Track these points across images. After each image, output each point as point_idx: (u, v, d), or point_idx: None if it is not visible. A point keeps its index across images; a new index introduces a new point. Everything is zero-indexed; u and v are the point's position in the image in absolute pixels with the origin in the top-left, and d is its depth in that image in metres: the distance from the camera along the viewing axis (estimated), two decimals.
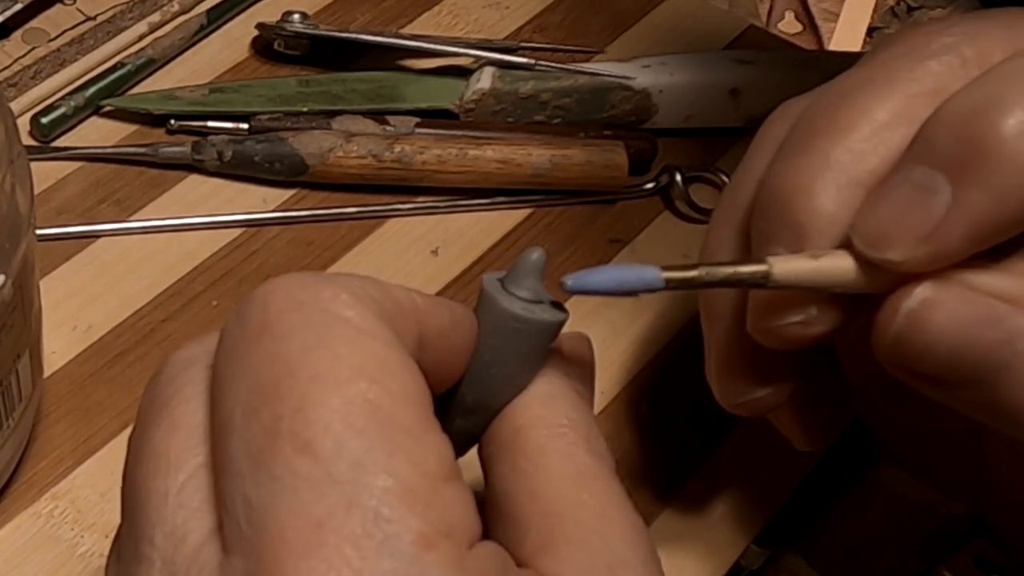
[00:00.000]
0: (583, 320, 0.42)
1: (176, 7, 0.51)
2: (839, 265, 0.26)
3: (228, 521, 0.21)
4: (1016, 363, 0.25)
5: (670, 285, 0.25)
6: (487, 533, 0.23)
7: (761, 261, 0.26)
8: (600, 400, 0.41)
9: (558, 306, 0.26)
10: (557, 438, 0.25)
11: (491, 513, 0.25)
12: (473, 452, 0.27)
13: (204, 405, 0.23)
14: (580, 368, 0.27)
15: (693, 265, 0.26)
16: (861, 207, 0.27)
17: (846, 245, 0.27)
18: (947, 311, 0.26)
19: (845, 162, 0.27)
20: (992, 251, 0.26)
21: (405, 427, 0.22)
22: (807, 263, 0.26)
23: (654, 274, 0.25)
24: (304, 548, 0.20)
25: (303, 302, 0.22)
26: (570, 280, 0.25)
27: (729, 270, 0.26)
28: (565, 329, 0.26)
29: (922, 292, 0.26)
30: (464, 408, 0.26)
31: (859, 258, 0.26)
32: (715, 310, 0.32)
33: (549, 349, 0.26)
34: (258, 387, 0.22)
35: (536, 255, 0.25)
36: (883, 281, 0.26)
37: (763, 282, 0.26)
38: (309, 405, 0.21)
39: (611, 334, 0.43)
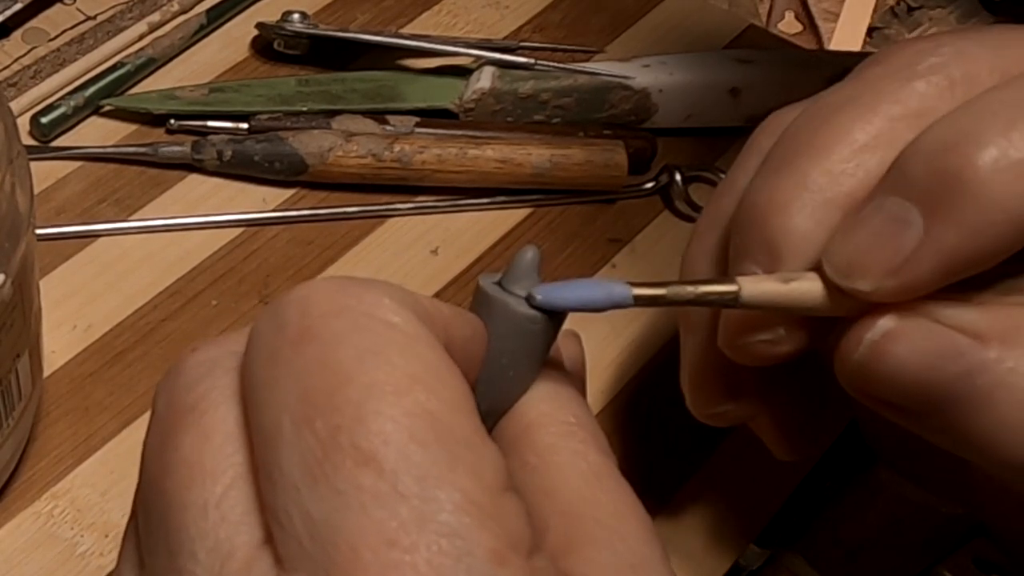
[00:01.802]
0: (582, 320, 0.42)
1: (176, 7, 0.51)
2: (808, 289, 0.27)
3: (283, 536, 0.21)
4: (975, 396, 0.25)
5: (639, 302, 0.25)
6: None
7: (731, 281, 0.26)
8: (600, 400, 0.41)
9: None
10: (567, 436, 0.25)
11: None
12: None
13: (234, 411, 0.23)
14: (573, 364, 0.28)
15: (662, 283, 0.26)
16: (834, 234, 0.27)
17: (818, 268, 0.27)
18: (909, 343, 0.26)
19: (822, 183, 0.27)
20: (963, 282, 0.26)
21: (462, 437, 0.21)
22: (776, 286, 0.27)
23: (623, 291, 0.25)
24: (379, 567, 0.20)
25: (346, 306, 0.22)
26: (540, 294, 0.25)
27: (698, 289, 0.26)
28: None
29: (885, 324, 0.26)
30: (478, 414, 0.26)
31: (829, 283, 0.26)
32: (691, 321, 0.32)
33: (540, 350, 0.26)
34: (309, 395, 0.21)
35: (531, 254, 0.25)
36: (852, 307, 0.26)
37: (732, 303, 0.26)
38: (368, 416, 0.21)
39: (610, 334, 0.43)
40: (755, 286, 0.26)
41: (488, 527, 0.20)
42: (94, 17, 0.50)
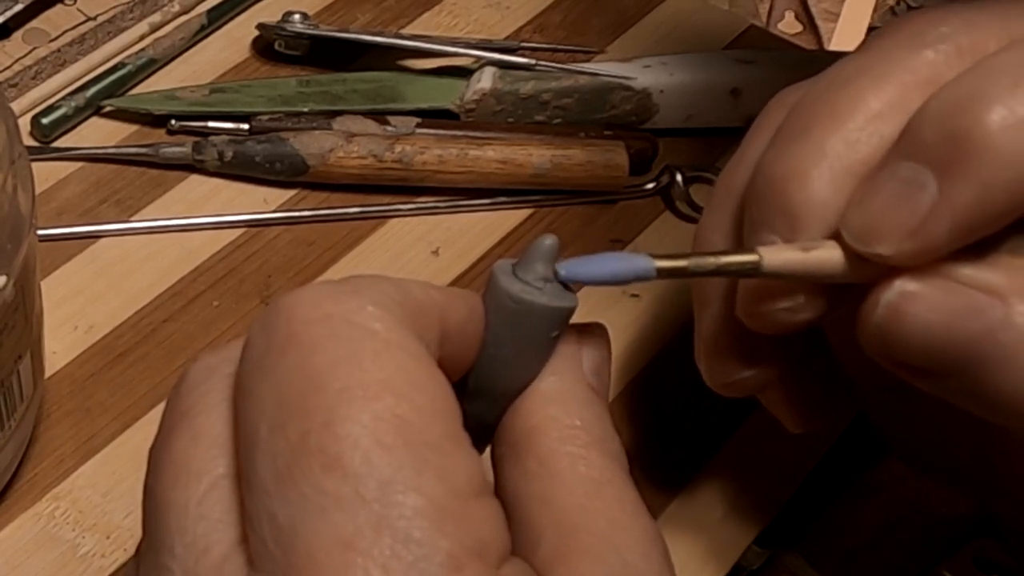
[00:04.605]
0: (584, 319, 0.42)
1: (177, 7, 0.51)
2: (828, 256, 0.27)
3: (254, 538, 0.21)
4: (997, 353, 0.25)
5: (662, 274, 0.25)
6: None
7: (752, 251, 0.27)
8: None
9: (568, 295, 0.25)
10: (568, 441, 0.25)
11: None
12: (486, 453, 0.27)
13: (226, 415, 0.23)
14: (595, 360, 0.27)
15: (684, 255, 0.26)
16: (851, 201, 0.27)
17: (837, 235, 0.27)
18: (927, 302, 0.26)
19: (839, 151, 0.27)
20: (977, 244, 0.26)
21: (434, 443, 0.21)
22: (797, 255, 0.27)
23: (646, 263, 0.25)
24: (332, 569, 0.20)
25: (329, 314, 0.22)
26: (563, 269, 0.25)
27: (720, 260, 0.26)
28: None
29: (901, 284, 0.26)
30: (467, 392, 0.26)
31: (848, 250, 0.27)
32: (706, 292, 0.32)
33: (556, 338, 0.26)
34: (284, 401, 0.21)
35: (550, 241, 0.25)
36: (871, 272, 0.27)
37: (753, 272, 0.26)
38: (337, 420, 0.21)
39: (612, 334, 0.42)
40: (776, 255, 0.27)
41: (448, 532, 0.21)
42: (95, 18, 0.50)
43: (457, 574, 0.20)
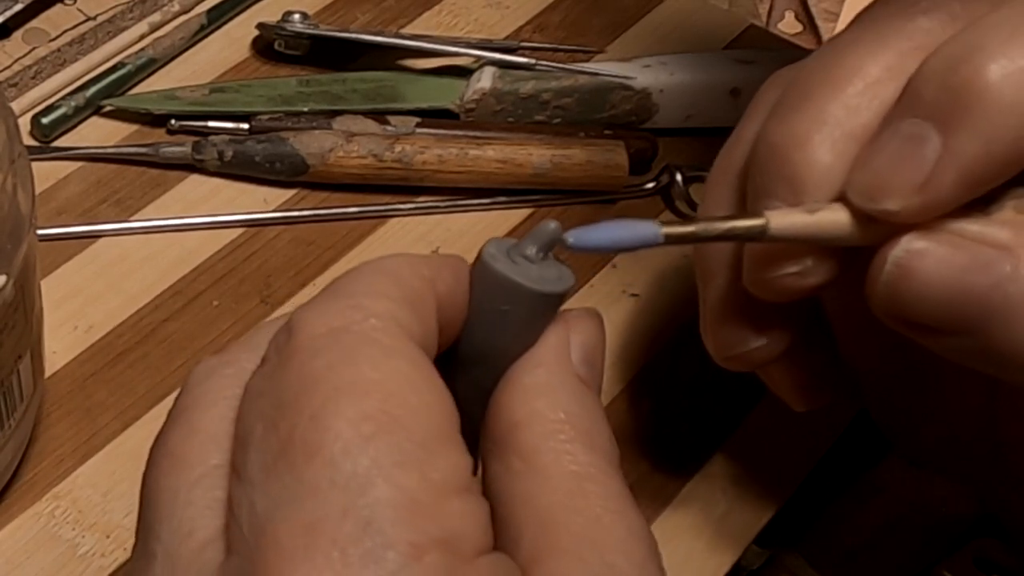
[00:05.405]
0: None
1: (176, 7, 0.51)
2: (835, 218, 0.27)
3: (233, 525, 0.22)
4: (1007, 307, 0.25)
5: (669, 240, 0.25)
6: None
7: (758, 215, 0.27)
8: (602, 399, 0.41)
9: (549, 280, 0.25)
10: (552, 436, 0.24)
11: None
12: None
13: (223, 413, 0.24)
14: (585, 349, 0.26)
15: (691, 220, 0.26)
16: (855, 162, 0.27)
17: (841, 198, 0.27)
18: (935, 258, 0.26)
19: (840, 116, 0.28)
20: (982, 200, 0.26)
21: (420, 440, 0.22)
22: (803, 217, 0.27)
23: (653, 230, 0.25)
24: (293, 550, 0.20)
25: (333, 327, 0.23)
26: (571, 238, 0.25)
27: (727, 224, 0.27)
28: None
29: (908, 241, 0.26)
30: (454, 360, 0.26)
31: (854, 211, 0.27)
32: (710, 265, 0.32)
33: (511, 313, 0.25)
34: (280, 401, 0.22)
35: (552, 226, 0.25)
36: (877, 233, 0.27)
37: (760, 236, 0.27)
38: (325, 414, 0.21)
39: (611, 333, 0.42)
40: (782, 218, 0.27)
41: (415, 524, 0.21)
42: (95, 17, 0.50)
43: (416, 563, 0.21)
